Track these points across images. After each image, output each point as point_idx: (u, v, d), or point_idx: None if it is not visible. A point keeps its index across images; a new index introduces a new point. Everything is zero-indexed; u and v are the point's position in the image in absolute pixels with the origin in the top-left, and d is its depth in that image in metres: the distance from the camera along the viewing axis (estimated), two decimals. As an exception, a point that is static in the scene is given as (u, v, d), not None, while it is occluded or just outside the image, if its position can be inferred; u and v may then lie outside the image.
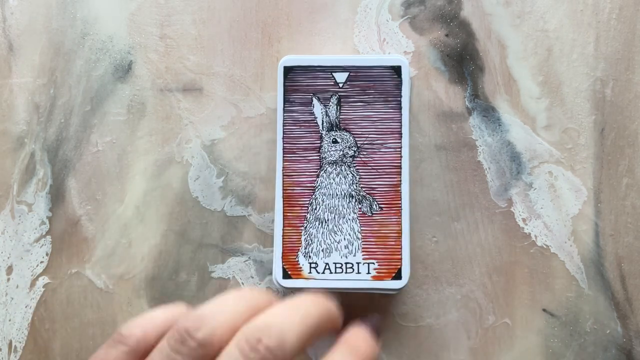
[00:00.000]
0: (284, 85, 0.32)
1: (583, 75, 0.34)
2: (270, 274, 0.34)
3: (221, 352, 0.20)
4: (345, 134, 0.31)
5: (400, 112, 0.31)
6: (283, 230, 0.31)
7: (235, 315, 0.21)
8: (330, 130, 0.31)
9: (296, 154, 0.32)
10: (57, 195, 0.35)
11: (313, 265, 0.31)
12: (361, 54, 0.34)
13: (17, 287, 0.35)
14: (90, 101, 0.35)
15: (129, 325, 0.22)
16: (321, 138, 0.31)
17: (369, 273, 0.31)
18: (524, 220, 0.34)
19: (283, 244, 0.31)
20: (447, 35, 0.34)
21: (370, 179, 0.31)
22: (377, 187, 0.31)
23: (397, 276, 0.31)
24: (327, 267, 0.31)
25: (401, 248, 0.31)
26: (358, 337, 0.23)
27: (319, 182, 0.31)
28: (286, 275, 0.31)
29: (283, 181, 0.31)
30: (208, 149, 0.35)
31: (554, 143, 0.34)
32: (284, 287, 0.31)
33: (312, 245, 0.31)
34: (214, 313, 0.21)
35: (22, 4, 0.35)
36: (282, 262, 0.31)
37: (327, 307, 0.22)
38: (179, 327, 0.21)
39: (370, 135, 0.31)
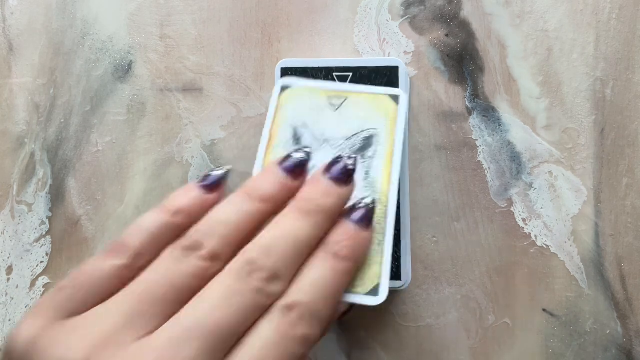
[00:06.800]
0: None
1: (583, 75, 0.34)
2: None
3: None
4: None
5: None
6: None
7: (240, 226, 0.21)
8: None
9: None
10: (57, 195, 0.35)
11: None
12: (361, 55, 0.34)
13: (17, 287, 0.35)
14: (90, 101, 0.35)
15: (128, 234, 0.21)
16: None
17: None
18: (524, 220, 0.34)
19: None
20: (447, 35, 0.34)
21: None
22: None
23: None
24: None
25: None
26: (341, 235, 0.23)
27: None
28: None
29: None
30: (208, 149, 0.35)
31: (554, 143, 0.34)
32: None
33: None
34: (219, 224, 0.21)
35: (22, 4, 0.35)
36: None
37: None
38: (192, 239, 0.21)
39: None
